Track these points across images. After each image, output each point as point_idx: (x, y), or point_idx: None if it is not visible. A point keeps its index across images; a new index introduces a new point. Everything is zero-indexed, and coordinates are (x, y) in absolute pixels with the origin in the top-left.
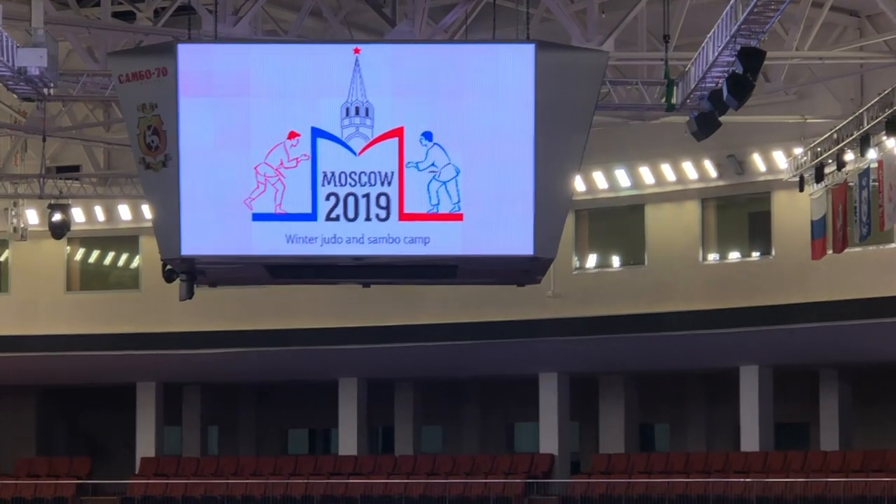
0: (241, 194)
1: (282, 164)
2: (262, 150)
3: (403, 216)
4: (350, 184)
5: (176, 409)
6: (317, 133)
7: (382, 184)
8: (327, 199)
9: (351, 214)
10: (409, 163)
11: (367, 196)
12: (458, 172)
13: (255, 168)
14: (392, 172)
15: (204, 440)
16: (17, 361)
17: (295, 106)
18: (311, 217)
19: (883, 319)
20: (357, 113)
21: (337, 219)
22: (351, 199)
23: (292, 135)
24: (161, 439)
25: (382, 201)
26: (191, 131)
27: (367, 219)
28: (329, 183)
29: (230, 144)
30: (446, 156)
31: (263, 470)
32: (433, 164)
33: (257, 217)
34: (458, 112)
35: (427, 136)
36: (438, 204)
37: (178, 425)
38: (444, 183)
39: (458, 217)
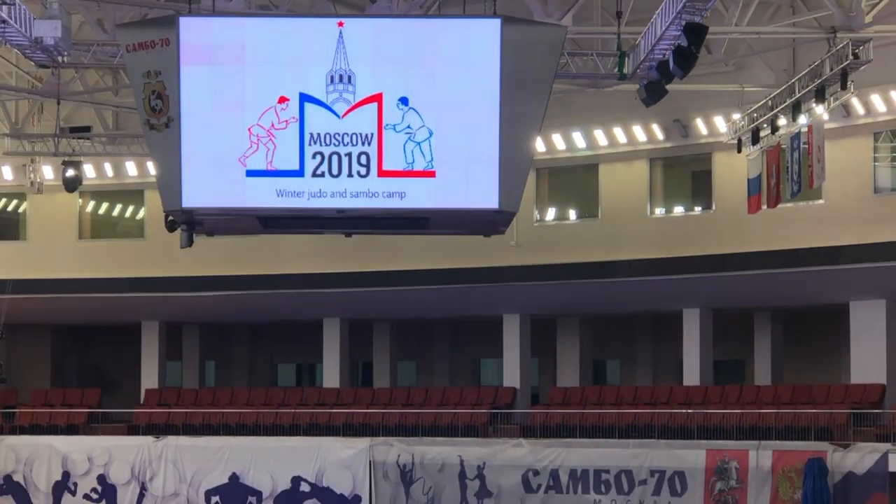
0: (236, 153)
1: (273, 125)
2: (255, 113)
3: (382, 173)
4: (334, 144)
5: (176, 346)
6: (304, 98)
7: (363, 144)
8: (313, 157)
9: (335, 171)
10: (387, 125)
11: (349, 155)
12: (431, 134)
13: (249, 129)
14: (372, 134)
15: (202, 373)
16: (33, 303)
17: (285, 73)
18: (299, 173)
19: (811, 268)
20: (340, 80)
21: (322, 175)
22: (335, 158)
23: (282, 99)
24: (163, 373)
25: (363, 159)
26: (191, 96)
27: (350, 175)
28: (315, 143)
29: (226, 108)
30: (421, 119)
31: (255, 400)
32: (409, 127)
33: (250, 173)
34: (431, 80)
35: (403, 101)
36: (413, 162)
37: (178, 360)
38: (419, 143)
39: (431, 174)
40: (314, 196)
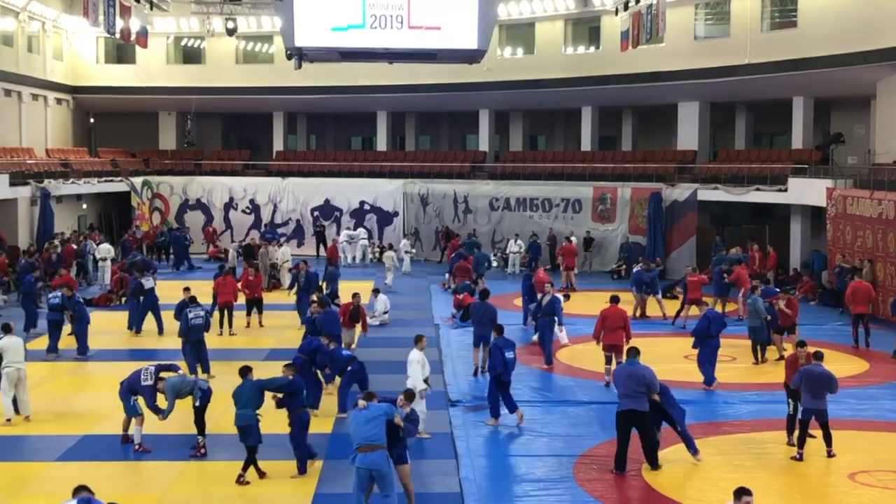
0: (326, 14)
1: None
2: None
3: (411, 27)
4: (382, 8)
5: (293, 126)
6: None
7: (399, 9)
8: (370, 17)
9: (383, 25)
10: None
11: (391, 16)
12: (439, 3)
13: (333, 1)
14: (405, 3)
15: (309, 140)
16: (210, 100)
17: None
18: (362, 27)
19: (655, 83)
20: None
21: (376, 28)
22: (383, 17)
23: None
24: (286, 141)
25: (399, 19)
26: None
27: (391, 28)
28: (372, 8)
29: None
30: None
31: (338, 157)
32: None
33: (334, 28)
34: None
35: None
36: (429, 20)
37: (294, 134)
38: (431, 8)
39: (438, 28)
40: (371, 39)
